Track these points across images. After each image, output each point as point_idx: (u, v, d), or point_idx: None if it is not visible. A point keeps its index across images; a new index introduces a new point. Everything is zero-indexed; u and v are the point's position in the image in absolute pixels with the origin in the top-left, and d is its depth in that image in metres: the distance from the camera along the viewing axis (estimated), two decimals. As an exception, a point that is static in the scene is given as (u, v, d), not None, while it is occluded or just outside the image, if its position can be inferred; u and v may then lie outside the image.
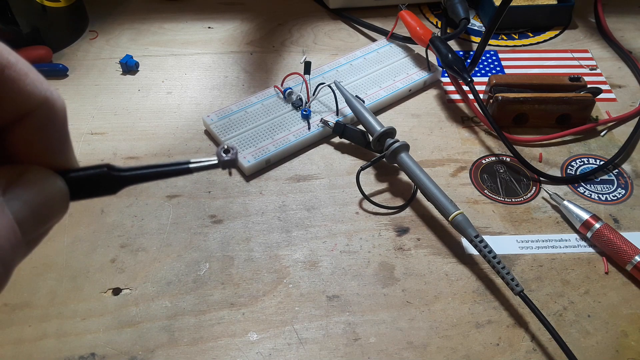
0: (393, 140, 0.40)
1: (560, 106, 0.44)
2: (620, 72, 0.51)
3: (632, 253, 0.35)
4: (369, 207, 0.40)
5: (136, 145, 0.43)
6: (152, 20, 0.55)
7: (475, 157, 0.43)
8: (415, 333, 0.33)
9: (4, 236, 0.14)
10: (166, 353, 0.32)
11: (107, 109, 0.46)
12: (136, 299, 0.34)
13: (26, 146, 0.16)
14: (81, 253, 0.36)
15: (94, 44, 0.52)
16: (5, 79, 0.14)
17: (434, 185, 0.37)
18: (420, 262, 0.37)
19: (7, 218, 0.14)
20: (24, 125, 0.15)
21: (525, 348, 0.32)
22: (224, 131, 0.43)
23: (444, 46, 0.45)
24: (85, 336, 0.32)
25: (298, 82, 0.46)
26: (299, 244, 0.37)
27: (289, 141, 0.42)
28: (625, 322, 0.34)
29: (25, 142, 0.16)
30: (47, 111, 0.16)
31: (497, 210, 0.40)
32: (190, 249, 0.37)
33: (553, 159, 0.43)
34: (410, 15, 0.49)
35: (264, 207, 0.39)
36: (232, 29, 0.55)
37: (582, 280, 0.36)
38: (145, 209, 0.39)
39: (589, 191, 0.41)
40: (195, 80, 0.49)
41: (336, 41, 0.54)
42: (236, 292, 0.35)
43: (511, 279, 0.33)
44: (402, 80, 0.48)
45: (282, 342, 0.33)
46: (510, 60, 0.52)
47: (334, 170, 0.42)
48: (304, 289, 0.35)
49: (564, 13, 0.56)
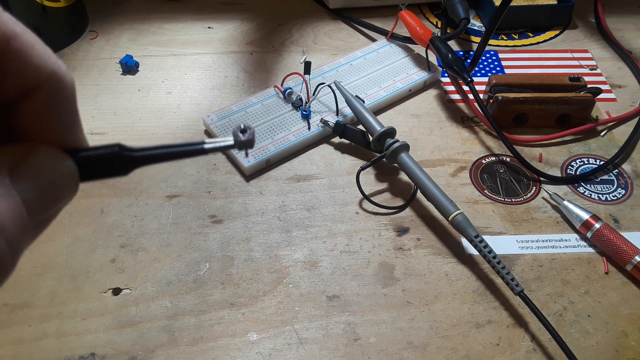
0: (393, 140, 0.40)
1: (560, 106, 0.44)
2: (620, 72, 0.51)
3: (632, 253, 0.35)
4: (369, 207, 0.40)
5: (136, 145, 0.43)
6: (152, 20, 0.55)
7: (475, 157, 0.43)
8: (415, 333, 0.33)
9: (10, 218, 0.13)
10: (166, 353, 0.32)
11: (107, 109, 0.46)
12: (136, 299, 0.34)
13: (33, 124, 0.15)
14: (81, 253, 0.36)
15: (94, 44, 0.52)
16: (11, 50, 0.13)
17: (434, 185, 0.37)
18: (420, 262, 0.37)
19: (14, 199, 0.13)
20: (31, 101, 0.14)
21: (525, 348, 0.32)
22: (224, 131, 0.43)
23: (444, 46, 0.45)
24: (85, 336, 0.32)
25: (298, 82, 0.46)
26: (299, 244, 0.37)
27: (289, 141, 0.42)
28: (625, 322, 0.34)
29: (32, 119, 0.15)
30: (55, 86, 0.15)
31: (497, 210, 0.40)
32: (190, 249, 0.37)
33: (553, 159, 0.43)
34: (410, 15, 0.49)
35: (264, 207, 0.39)
36: (232, 29, 0.55)
37: (582, 280, 0.36)
38: (145, 209, 0.39)
39: (589, 191, 0.41)
40: (195, 80, 0.49)
41: (336, 41, 0.54)
42: (236, 292, 0.35)
43: (511, 279, 0.33)
44: (402, 80, 0.48)
45: (282, 342, 0.33)
46: (510, 60, 0.52)
47: (334, 170, 0.42)
48: (304, 289, 0.35)
49: (564, 13, 0.56)
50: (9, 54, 0.13)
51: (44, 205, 0.15)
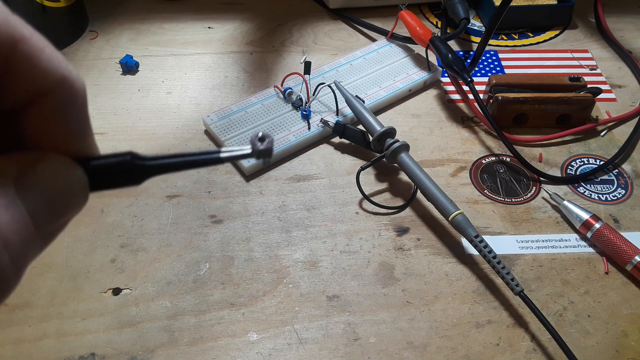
0: (393, 140, 0.40)
1: (560, 106, 0.44)
2: (620, 72, 0.51)
3: (632, 253, 0.35)
4: (369, 207, 0.40)
5: (136, 145, 0.43)
6: (152, 20, 0.55)
7: (475, 157, 0.43)
8: (415, 333, 0.33)
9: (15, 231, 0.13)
10: (166, 353, 0.32)
11: (107, 109, 0.46)
12: (136, 299, 0.34)
13: (42, 131, 0.14)
14: (81, 253, 0.36)
15: (94, 44, 0.52)
16: (19, 54, 0.13)
17: (434, 185, 0.37)
18: (420, 262, 0.37)
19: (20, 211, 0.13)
20: (40, 107, 0.14)
21: (525, 348, 0.32)
22: (224, 131, 0.43)
23: (444, 46, 0.45)
24: (85, 336, 0.32)
25: (298, 82, 0.46)
26: (299, 244, 0.37)
27: (289, 141, 0.42)
28: (625, 322, 0.34)
29: (40, 126, 0.14)
30: (65, 91, 0.14)
31: (497, 210, 0.40)
32: (190, 249, 0.37)
33: (553, 159, 0.43)
34: (410, 15, 0.49)
35: (264, 207, 0.39)
36: (232, 29, 0.55)
37: (582, 280, 0.36)
38: (145, 209, 0.39)
39: (589, 191, 0.41)
40: (195, 80, 0.49)
41: (336, 41, 0.54)
42: (236, 292, 0.35)
43: (511, 279, 0.33)
44: (402, 80, 0.48)
45: (282, 342, 0.33)
46: (510, 60, 0.52)
47: (334, 170, 0.42)
48: (304, 289, 0.35)
49: (564, 13, 0.56)
50: (17, 57, 0.13)
51: (51, 216, 0.14)
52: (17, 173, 0.13)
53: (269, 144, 0.16)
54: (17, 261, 0.13)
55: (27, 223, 0.13)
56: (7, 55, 0.13)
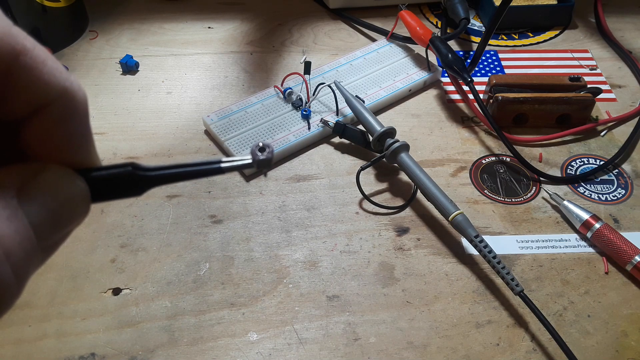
0: (393, 140, 0.40)
1: (560, 106, 0.44)
2: (620, 72, 0.51)
3: (632, 253, 0.35)
4: (369, 207, 0.40)
5: (136, 145, 0.43)
6: (152, 20, 0.55)
7: (475, 157, 0.43)
8: (415, 333, 0.33)
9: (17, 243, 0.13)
10: (166, 353, 0.32)
11: (107, 109, 0.46)
12: (136, 299, 0.34)
13: (43, 142, 0.14)
14: (81, 253, 0.36)
15: (94, 44, 0.52)
16: (20, 66, 0.13)
17: (434, 185, 0.37)
18: (420, 262, 0.37)
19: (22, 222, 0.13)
20: (41, 118, 0.14)
21: (525, 348, 0.32)
22: (224, 131, 0.43)
23: (444, 46, 0.45)
24: (85, 336, 0.32)
25: (298, 82, 0.46)
26: (299, 244, 0.37)
27: (289, 141, 0.42)
28: (625, 322, 0.34)
29: (42, 137, 0.14)
30: (66, 103, 0.14)
31: (497, 210, 0.40)
32: (190, 249, 0.37)
33: (553, 159, 0.43)
34: (410, 15, 0.49)
35: (264, 207, 0.39)
36: (232, 29, 0.55)
37: (582, 280, 0.36)
38: (145, 209, 0.39)
39: (589, 191, 0.41)
40: (195, 80, 0.49)
41: (336, 41, 0.54)
42: (236, 292, 0.35)
43: (511, 279, 0.33)
44: (402, 80, 0.48)
45: (282, 342, 0.33)
46: (510, 60, 0.52)
47: (334, 170, 0.42)
48: (304, 289, 0.35)
49: (564, 13, 0.56)
50: (19, 69, 0.13)
51: (53, 228, 0.14)
52: (19, 184, 0.13)
53: (269, 154, 0.16)
54: (20, 273, 0.13)
55: (30, 235, 0.13)
56: (9, 67, 0.13)
